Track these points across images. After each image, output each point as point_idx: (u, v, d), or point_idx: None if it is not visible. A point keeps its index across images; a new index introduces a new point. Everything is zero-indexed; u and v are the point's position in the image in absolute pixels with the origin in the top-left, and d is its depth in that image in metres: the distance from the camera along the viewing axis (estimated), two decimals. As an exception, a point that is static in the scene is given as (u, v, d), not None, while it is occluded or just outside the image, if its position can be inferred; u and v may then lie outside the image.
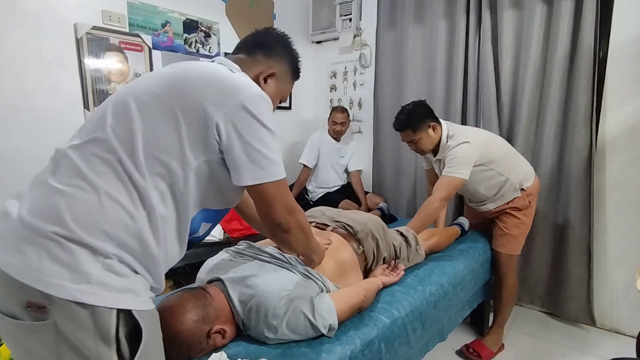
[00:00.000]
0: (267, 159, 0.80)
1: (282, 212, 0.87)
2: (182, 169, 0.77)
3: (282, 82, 1.00)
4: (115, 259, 0.70)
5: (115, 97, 0.82)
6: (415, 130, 1.74)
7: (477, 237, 1.94)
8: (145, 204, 0.74)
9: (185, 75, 0.81)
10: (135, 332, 0.71)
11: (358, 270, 1.35)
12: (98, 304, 0.66)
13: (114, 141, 0.74)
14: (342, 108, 2.88)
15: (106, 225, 0.70)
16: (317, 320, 1.00)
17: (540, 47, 2.12)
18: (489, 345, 1.88)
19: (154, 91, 0.79)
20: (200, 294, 0.99)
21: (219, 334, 0.97)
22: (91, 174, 0.72)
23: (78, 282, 0.66)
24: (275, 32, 1.01)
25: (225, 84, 0.80)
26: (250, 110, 0.78)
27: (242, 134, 0.78)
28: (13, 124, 1.79)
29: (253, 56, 0.96)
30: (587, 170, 2.01)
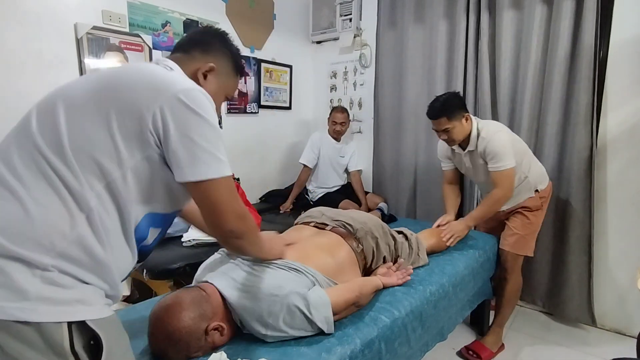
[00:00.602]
0: (208, 153, 0.75)
1: (232, 218, 0.81)
2: (118, 167, 0.71)
3: (223, 77, 0.96)
4: (54, 270, 0.65)
5: (40, 101, 0.78)
6: (450, 118, 1.73)
7: (478, 237, 1.94)
8: (82, 207, 0.68)
9: (117, 73, 0.79)
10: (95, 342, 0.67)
11: (356, 269, 1.35)
12: (42, 320, 0.62)
13: (40, 142, 0.69)
14: (342, 108, 2.88)
15: (38, 235, 0.65)
16: (312, 315, 1.00)
17: (541, 47, 2.13)
18: (489, 345, 1.88)
19: (83, 88, 0.75)
20: (196, 292, 0.99)
21: (217, 331, 0.97)
22: (14, 181, 0.67)
23: (15, 300, 0.62)
24: (212, 29, 0.99)
25: (159, 79, 0.76)
26: (185, 102, 0.74)
27: (178, 125, 0.73)
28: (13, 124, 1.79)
29: (190, 54, 0.92)
30: (587, 171, 2.01)
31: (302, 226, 1.48)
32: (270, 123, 3.07)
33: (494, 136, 1.72)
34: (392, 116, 2.83)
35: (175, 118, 0.73)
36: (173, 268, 1.70)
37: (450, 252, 1.76)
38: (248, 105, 2.87)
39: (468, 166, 1.89)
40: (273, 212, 2.78)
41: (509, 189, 1.74)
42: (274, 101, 3.08)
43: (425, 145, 2.65)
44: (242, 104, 2.83)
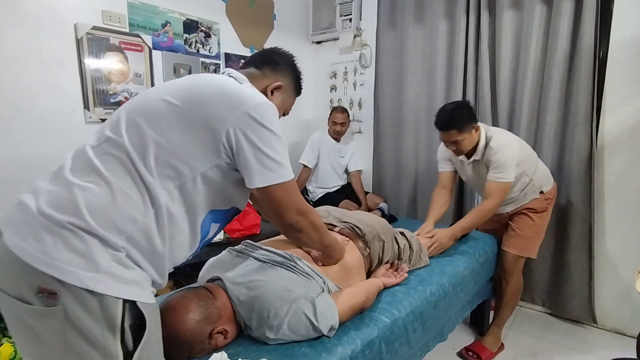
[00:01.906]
0: (274, 161, 0.85)
1: (292, 213, 0.92)
2: (190, 172, 0.82)
3: (286, 95, 1.07)
4: (123, 252, 0.75)
5: (130, 103, 0.88)
6: (461, 130, 1.69)
7: (478, 237, 1.94)
8: (154, 202, 0.78)
9: (196, 86, 0.87)
10: (138, 325, 0.75)
11: (362, 272, 1.35)
12: (106, 292, 0.70)
13: (127, 144, 0.79)
14: (342, 108, 2.88)
15: (117, 219, 0.74)
16: (319, 322, 1.00)
17: (540, 47, 2.13)
18: (489, 345, 1.88)
19: (166, 100, 0.84)
20: (203, 294, 0.99)
21: (221, 335, 0.97)
22: (105, 171, 0.77)
23: (89, 270, 0.70)
24: (281, 51, 1.10)
25: (232, 95, 0.85)
26: (255, 117, 0.83)
27: (250, 139, 0.83)
28: (13, 124, 1.79)
29: (261, 70, 1.03)
30: (587, 170, 2.02)
31: None
32: (270, 123, 3.05)
33: (503, 149, 1.69)
34: (392, 116, 2.83)
35: (247, 133, 0.83)
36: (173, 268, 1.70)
37: (451, 253, 1.76)
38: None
39: (469, 174, 1.88)
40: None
41: (500, 201, 1.74)
42: (274, 101, 3.07)
43: (425, 145, 2.65)
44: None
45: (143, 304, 0.75)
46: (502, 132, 1.83)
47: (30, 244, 0.69)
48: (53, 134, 1.89)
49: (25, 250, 0.69)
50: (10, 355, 1.36)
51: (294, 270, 1.11)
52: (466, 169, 1.87)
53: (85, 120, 2.01)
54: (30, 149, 1.83)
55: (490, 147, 1.72)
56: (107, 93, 2.07)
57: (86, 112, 2.01)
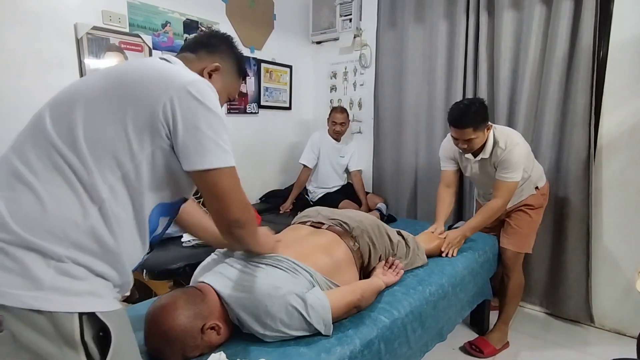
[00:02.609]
0: (214, 143, 0.78)
1: (237, 207, 0.84)
2: (130, 160, 0.74)
3: (227, 78, 0.99)
4: (68, 262, 0.68)
5: (52, 100, 0.80)
6: (476, 129, 1.67)
7: (477, 237, 1.94)
8: (95, 199, 0.71)
9: (125, 68, 0.82)
10: (104, 334, 0.69)
11: (353, 267, 1.35)
12: (54, 309, 0.64)
13: (54, 139, 0.72)
14: (341, 108, 2.88)
15: (52, 226, 0.67)
16: (310, 316, 1.00)
17: (539, 47, 2.13)
18: (493, 342, 1.89)
19: (94, 85, 0.78)
20: (192, 292, 1.00)
21: (213, 330, 0.97)
22: (29, 175, 0.69)
23: (29, 289, 0.64)
24: (219, 33, 1.03)
25: (166, 72, 0.79)
26: (193, 94, 0.76)
27: (187, 116, 0.76)
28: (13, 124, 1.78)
29: (196, 54, 0.96)
30: (585, 171, 2.02)
31: (298, 225, 1.48)
32: (270, 123, 3.06)
33: (515, 149, 1.69)
34: (392, 116, 2.83)
35: (183, 109, 0.75)
36: (173, 268, 1.70)
37: (450, 253, 1.76)
38: (248, 105, 2.87)
39: (475, 172, 1.87)
40: (273, 213, 2.78)
41: (508, 200, 1.77)
42: (274, 101, 3.08)
43: (425, 145, 2.65)
44: (242, 104, 2.84)
45: (103, 313, 0.69)
46: (510, 130, 1.82)
47: None
48: (53, 134, 1.89)
49: None
50: None
51: (280, 267, 1.11)
52: (472, 166, 1.86)
53: None
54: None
55: (501, 147, 1.71)
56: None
57: (86, 112, 2.01)
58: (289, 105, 3.21)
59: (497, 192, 1.76)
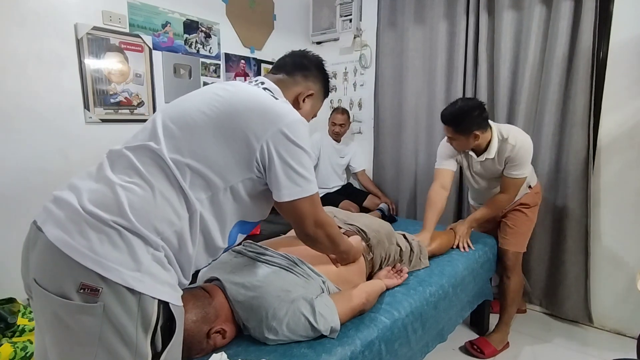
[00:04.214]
0: (302, 177, 0.89)
1: (311, 225, 0.96)
2: (223, 183, 0.85)
3: (317, 100, 1.10)
4: (162, 252, 0.77)
5: (166, 110, 0.91)
6: (456, 130, 1.67)
7: (477, 237, 1.94)
8: (190, 207, 0.81)
9: (235, 100, 0.89)
10: (167, 326, 0.76)
11: (363, 276, 1.35)
12: (145, 292, 0.72)
13: (164, 151, 0.82)
14: (342, 109, 2.88)
15: (157, 220, 0.77)
16: (318, 322, 1.00)
17: (539, 48, 2.13)
18: (494, 342, 1.89)
19: (205, 112, 0.87)
20: (200, 294, 0.99)
21: (219, 334, 0.97)
22: (147, 173, 0.80)
23: (132, 268, 0.71)
24: (310, 54, 1.11)
25: (268, 111, 0.88)
26: (289, 135, 0.86)
27: (282, 155, 0.86)
28: (14, 124, 1.79)
29: (293, 77, 1.05)
30: (584, 172, 2.02)
31: None
32: (270, 123, 3.05)
33: (525, 145, 1.68)
34: (392, 117, 2.83)
35: (279, 149, 0.86)
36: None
37: (450, 253, 1.76)
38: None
39: (477, 170, 1.85)
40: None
41: (514, 196, 1.79)
42: (274, 102, 3.07)
43: (425, 145, 2.65)
44: (242, 105, 2.83)
45: (174, 306, 0.76)
46: (515, 127, 1.78)
47: (76, 240, 0.70)
48: (53, 133, 1.89)
49: (70, 245, 0.70)
50: (10, 356, 1.36)
51: (293, 271, 1.11)
52: (474, 164, 1.84)
53: (85, 120, 2.01)
54: (31, 149, 1.82)
55: (510, 144, 1.68)
56: (107, 93, 2.07)
57: (86, 112, 2.01)
58: (289, 106, 3.20)
59: (504, 189, 1.77)
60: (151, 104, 2.25)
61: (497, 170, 1.77)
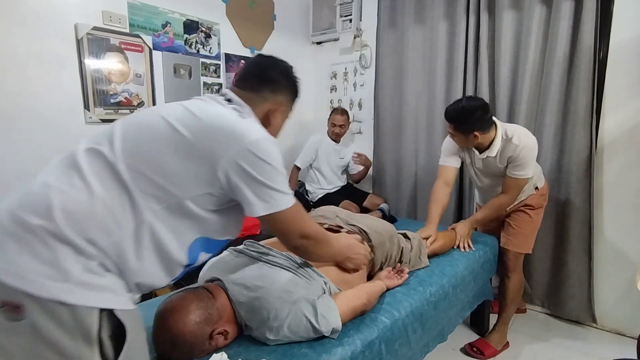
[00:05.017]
0: (275, 191, 0.85)
1: (295, 238, 0.94)
2: (181, 194, 0.80)
3: (287, 109, 1.06)
4: (96, 261, 0.71)
5: (127, 118, 0.87)
6: (456, 129, 1.68)
7: (478, 237, 1.94)
8: (137, 217, 0.76)
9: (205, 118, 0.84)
10: (117, 334, 0.71)
11: (363, 277, 1.35)
12: (79, 302, 0.66)
13: (120, 155, 0.77)
14: (342, 110, 2.87)
15: (91, 227, 0.71)
16: (319, 324, 1.00)
17: (540, 48, 2.13)
18: (493, 343, 1.88)
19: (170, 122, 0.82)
20: (203, 295, 0.99)
21: (222, 335, 0.97)
22: (92, 178, 0.74)
23: (58, 280, 0.66)
24: (277, 63, 1.04)
25: (234, 131, 0.83)
26: (255, 153, 0.82)
27: (249, 173, 0.82)
28: (14, 124, 1.79)
29: (260, 93, 0.98)
30: (587, 171, 2.02)
31: None
32: (270, 123, 3.06)
33: (529, 144, 1.67)
34: (392, 117, 2.83)
35: (244, 167, 0.82)
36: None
37: (451, 253, 1.76)
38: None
39: (479, 167, 1.85)
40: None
41: (515, 197, 1.78)
42: (274, 102, 3.07)
43: (425, 146, 2.64)
44: (242, 105, 2.83)
45: (121, 311, 0.71)
46: (521, 128, 1.78)
47: None
48: (53, 133, 1.89)
49: None
50: None
51: (295, 272, 1.11)
52: (476, 161, 1.83)
53: (86, 120, 2.01)
54: (31, 149, 1.82)
55: (514, 143, 1.67)
56: (108, 93, 2.07)
57: (86, 112, 2.01)
58: (289, 106, 3.20)
59: (506, 189, 1.77)
60: (151, 104, 2.25)
61: (498, 168, 1.77)
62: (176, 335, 0.90)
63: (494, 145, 1.71)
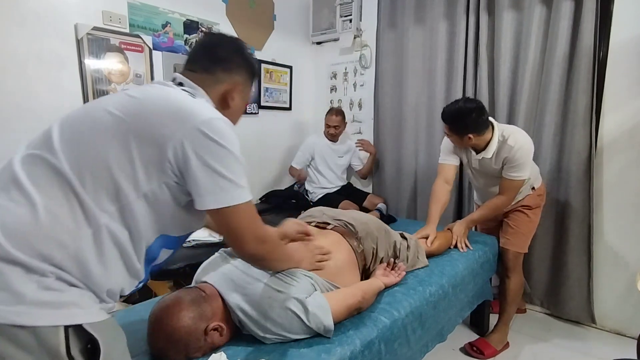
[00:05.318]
0: (228, 180, 0.76)
1: (252, 243, 0.84)
2: (134, 191, 0.73)
3: (245, 89, 0.98)
4: (52, 277, 0.66)
5: (64, 118, 0.79)
6: (451, 130, 1.71)
7: (477, 238, 1.94)
8: (92, 222, 0.70)
9: (144, 98, 0.79)
10: (92, 347, 0.67)
11: (356, 269, 1.35)
12: (37, 323, 0.62)
13: (61, 159, 0.71)
14: (336, 111, 2.87)
15: (41, 242, 0.65)
16: (310, 321, 1.00)
17: (540, 48, 2.13)
18: (494, 343, 1.89)
19: (110, 112, 0.76)
20: (195, 293, 1.00)
21: (217, 332, 0.97)
22: (30, 187, 0.68)
23: (11, 303, 0.62)
24: (226, 40, 0.97)
25: (182, 109, 0.77)
26: (207, 133, 0.75)
27: (200, 155, 0.74)
28: (14, 124, 1.79)
29: (213, 74, 0.91)
30: (586, 172, 2.02)
31: None
32: (270, 124, 3.07)
33: (524, 146, 1.67)
34: (392, 117, 2.83)
35: (196, 149, 0.74)
36: (173, 269, 1.70)
37: (450, 253, 1.76)
38: (248, 106, 2.87)
39: (475, 167, 1.86)
40: (273, 213, 2.78)
41: (512, 198, 1.79)
42: (274, 102, 3.08)
43: (425, 146, 2.65)
44: (242, 105, 2.83)
45: (90, 324, 0.67)
46: (519, 130, 1.79)
47: None
48: (53, 134, 1.89)
49: None
50: None
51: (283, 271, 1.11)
52: (472, 161, 1.85)
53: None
54: (31, 149, 1.83)
55: (510, 145, 1.67)
56: (107, 93, 2.07)
57: (86, 112, 2.01)
58: (289, 106, 3.21)
59: (503, 190, 1.77)
60: (151, 104, 2.25)
61: (494, 169, 1.78)
62: (171, 331, 0.90)
63: (490, 146, 1.72)
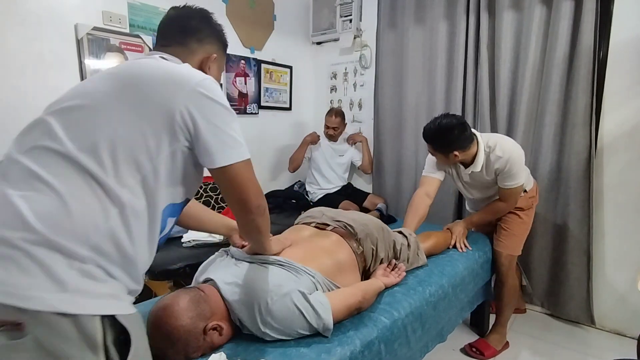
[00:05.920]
0: (233, 138, 0.81)
1: (255, 195, 0.88)
2: (149, 162, 0.74)
3: (220, 58, 1.00)
4: (91, 264, 0.67)
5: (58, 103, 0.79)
6: (435, 148, 1.70)
7: (477, 238, 1.94)
8: (115, 202, 0.70)
9: (133, 70, 0.80)
10: (122, 339, 0.69)
11: (356, 270, 1.35)
12: (80, 312, 0.64)
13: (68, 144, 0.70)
14: (336, 112, 2.87)
15: (76, 226, 0.66)
16: (310, 318, 1.00)
17: (540, 48, 2.13)
18: (493, 343, 1.88)
19: (104, 88, 0.76)
20: (194, 292, 1.00)
21: (216, 331, 0.97)
22: (50, 177, 0.68)
23: (54, 291, 0.63)
24: (194, 11, 0.97)
25: (176, 74, 0.80)
26: (206, 94, 0.78)
27: (206, 116, 0.77)
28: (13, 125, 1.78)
29: (187, 46, 0.93)
30: (586, 172, 2.02)
31: (302, 226, 1.48)
32: (270, 124, 3.07)
33: (513, 155, 1.64)
34: (392, 117, 2.84)
35: (201, 110, 0.77)
36: (173, 269, 1.70)
37: (450, 253, 1.76)
38: (248, 106, 2.87)
39: (466, 180, 1.84)
40: (273, 213, 2.78)
41: (514, 203, 1.79)
42: (274, 102, 3.08)
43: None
44: (242, 105, 2.84)
45: (124, 316, 0.69)
46: (500, 136, 1.77)
47: None
48: (53, 134, 1.89)
49: None
50: None
51: (284, 266, 1.11)
52: (463, 175, 1.83)
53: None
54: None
55: (498, 155, 1.65)
56: (108, 93, 2.08)
57: (86, 112, 2.01)
58: (289, 106, 3.21)
59: (502, 198, 1.78)
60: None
61: (487, 180, 1.76)
62: (170, 331, 0.90)
63: (477, 160, 1.69)
